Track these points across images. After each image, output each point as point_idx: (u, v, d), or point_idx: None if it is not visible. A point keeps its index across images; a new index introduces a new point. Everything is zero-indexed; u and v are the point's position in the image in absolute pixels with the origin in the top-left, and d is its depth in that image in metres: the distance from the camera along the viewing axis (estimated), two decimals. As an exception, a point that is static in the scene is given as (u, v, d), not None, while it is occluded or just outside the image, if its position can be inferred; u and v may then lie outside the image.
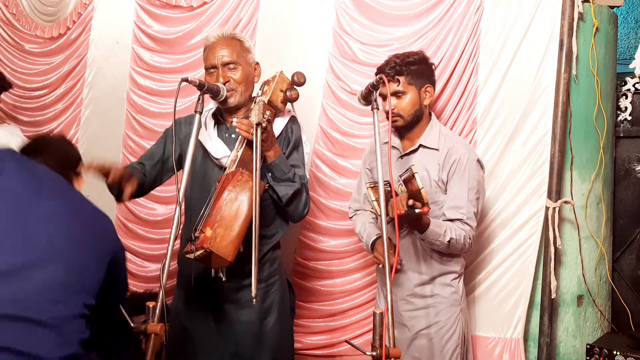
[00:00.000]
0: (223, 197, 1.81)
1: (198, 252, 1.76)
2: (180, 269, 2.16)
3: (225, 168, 1.94)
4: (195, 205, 2.01)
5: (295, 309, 2.26)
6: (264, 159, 1.92)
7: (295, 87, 1.99)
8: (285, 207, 1.99)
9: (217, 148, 1.99)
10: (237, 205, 1.80)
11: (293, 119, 2.09)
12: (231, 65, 1.97)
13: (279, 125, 2.03)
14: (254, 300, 1.62)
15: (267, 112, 1.84)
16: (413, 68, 2.10)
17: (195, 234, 1.79)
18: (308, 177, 2.14)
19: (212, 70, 1.98)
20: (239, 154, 1.90)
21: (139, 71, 3.14)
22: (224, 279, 1.89)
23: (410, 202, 1.76)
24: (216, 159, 2.00)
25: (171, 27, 3.07)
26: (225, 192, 1.81)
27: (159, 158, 2.10)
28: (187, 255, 1.80)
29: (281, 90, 1.96)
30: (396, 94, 2.09)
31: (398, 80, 2.08)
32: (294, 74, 1.99)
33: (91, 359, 1.36)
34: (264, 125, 1.80)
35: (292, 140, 2.06)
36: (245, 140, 1.91)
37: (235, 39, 2.03)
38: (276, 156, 1.92)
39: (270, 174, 1.94)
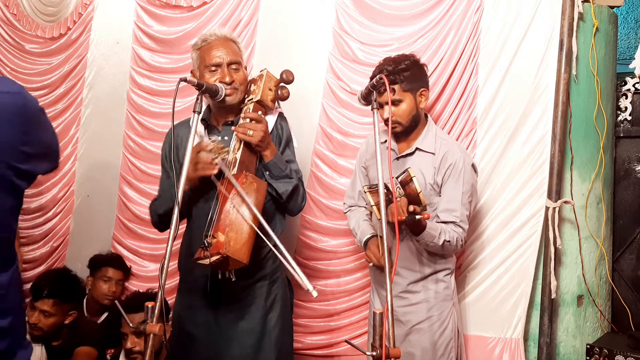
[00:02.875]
0: (229, 201, 1.81)
1: (214, 258, 1.75)
2: (182, 275, 2.17)
3: (221, 171, 1.94)
4: (195, 211, 2.03)
5: (293, 305, 2.29)
6: (260, 158, 1.95)
7: (284, 85, 2.00)
8: (285, 203, 2.01)
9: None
10: (244, 208, 1.81)
11: (281, 116, 2.10)
12: (234, 66, 1.98)
13: (269, 123, 2.03)
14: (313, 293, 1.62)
15: (259, 112, 1.85)
16: (406, 74, 2.10)
17: (207, 240, 1.79)
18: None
19: (215, 68, 1.97)
20: (238, 156, 1.90)
21: (139, 71, 3.14)
22: (233, 279, 1.90)
23: (411, 208, 1.78)
24: None
25: (171, 27, 3.07)
26: (231, 196, 1.81)
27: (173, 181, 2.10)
28: (201, 262, 1.80)
29: (269, 89, 1.98)
30: (393, 103, 2.09)
31: (393, 89, 2.08)
32: (282, 72, 2.00)
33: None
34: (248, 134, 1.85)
35: (283, 137, 2.08)
36: (242, 143, 1.91)
37: (234, 41, 2.05)
38: (273, 155, 1.95)
39: (268, 173, 1.96)
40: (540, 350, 2.43)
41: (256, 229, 1.79)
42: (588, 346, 2.39)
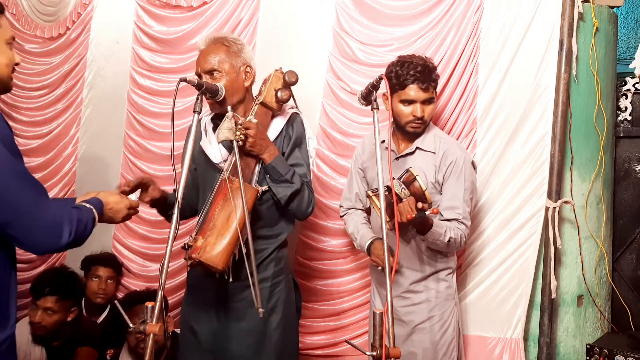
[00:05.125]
0: (216, 204, 1.84)
1: (189, 262, 1.81)
2: (190, 271, 2.17)
3: (221, 170, 1.94)
4: (201, 211, 2.04)
5: (301, 308, 2.27)
6: (261, 161, 1.94)
7: (287, 87, 1.98)
8: (285, 207, 2.00)
9: (215, 153, 1.99)
10: (228, 212, 1.82)
11: (294, 117, 2.07)
12: (215, 74, 1.94)
13: (277, 125, 2.02)
14: (260, 313, 1.76)
15: (240, 124, 1.84)
16: (437, 75, 2.13)
17: (189, 243, 1.82)
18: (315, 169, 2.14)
19: (199, 77, 1.97)
20: (233, 160, 1.89)
21: (140, 71, 3.14)
22: (230, 280, 1.91)
23: (420, 205, 1.78)
24: (215, 163, 2.00)
25: (171, 27, 3.07)
26: (218, 200, 1.83)
27: (191, 183, 2.11)
28: (185, 261, 1.84)
29: (275, 90, 1.97)
30: (427, 101, 2.09)
31: (433, 88, 2.09)
32: (285, 73, 1.98)
33: None
34: (239, 141, 1.83)
35: (293, 138, 2.05)
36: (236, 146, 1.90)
37: (220, 44, 1.98)
38: (271, 158, 1.92)
39: (268, 176, 1.95)
40: (540, 350, 2.43)
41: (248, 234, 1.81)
42: (588, 346, 2.39)
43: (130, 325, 1.89)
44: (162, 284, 1.54)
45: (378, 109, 1.71)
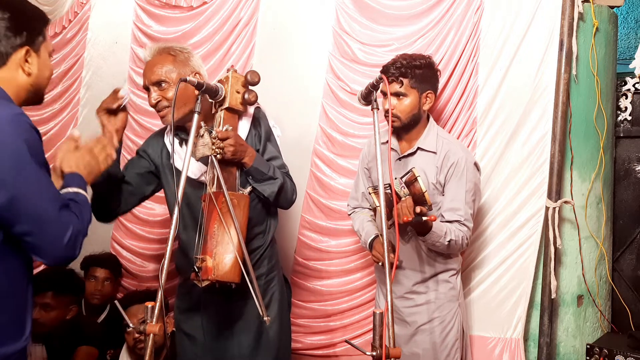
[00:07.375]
0: (213, 221, 1.82)
1: (205, 283, 1.79)
2: (181, 279, 2.18)
3: (206, 185, 1.90)
4: (184, 226, 2.04)
5: (291, 303, 2.29)
6: (242, 166, 1.92)
7: (251, 88, 1.93)
8: (275, 202, 2.01)
9: (192, 168, 1.94)
10: (227, 227, 1.82)
11: (257, 112, 2.04)
12: (162, 84, 1.89)
13: (244, 126, 1.99)
14: (267, 321, 1.78)
15: (215, 138, 1.81)
16: (418, 72, 2.10)
17: (197, 265, 1.80)
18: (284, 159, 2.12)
19: (147, 90, 1.93)
20: (215, 172, 1.86)
21: (138, 71, 3.13)
22: (233, 286, 1.91)
23: (418, 209, 1.78)
24: (194, 179, 1.97)
25: (170, 27, 3.07)
26: (214, 216, 1.82)
27: (143, 170, 2.08)
28: (196, 283, 1.82)
29: (237, 92, 1.90)
30: (397, 95, 2.09)
31: (401, 82, 2.08)
32: (247, 73, 1.91)
33: None
34: (217, 155, 1.80)
35: (262, 134, 2.03)
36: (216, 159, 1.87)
37: (166, 54, 1.93)
38: (252, 160, 1.91)
39: (250, 177, 1.94)
40: (540, 350, 2.43)
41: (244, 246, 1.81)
42: (588, 346, 2.39)
43: (130, 325, 1.89)
44: (162, 284, 1.53)
45: (378, 108, 1.71)
